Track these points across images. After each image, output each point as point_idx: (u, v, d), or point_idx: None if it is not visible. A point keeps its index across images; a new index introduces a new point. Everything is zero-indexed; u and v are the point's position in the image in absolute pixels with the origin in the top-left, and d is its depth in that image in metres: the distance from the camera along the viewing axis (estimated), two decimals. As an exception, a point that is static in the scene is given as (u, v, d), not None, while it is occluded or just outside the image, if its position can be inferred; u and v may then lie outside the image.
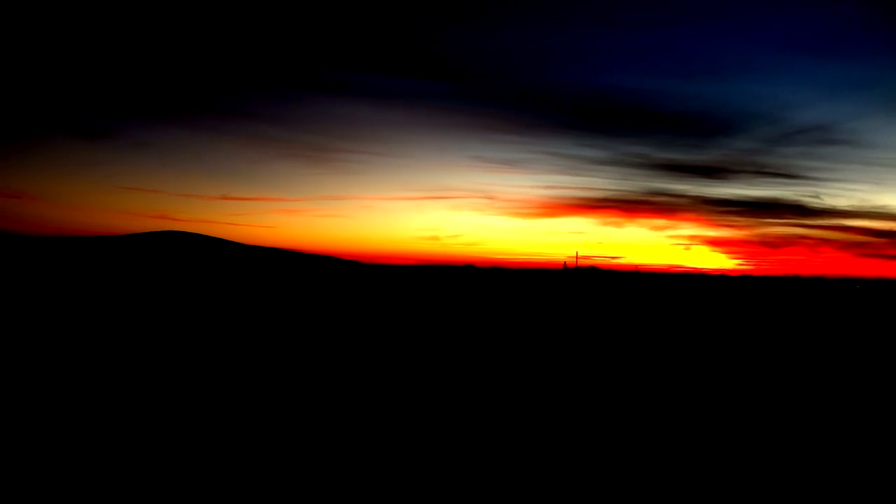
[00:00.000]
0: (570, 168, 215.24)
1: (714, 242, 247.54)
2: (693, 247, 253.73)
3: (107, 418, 7.61)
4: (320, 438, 7.08)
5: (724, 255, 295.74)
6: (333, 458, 6.46)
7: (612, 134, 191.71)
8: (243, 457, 6.40)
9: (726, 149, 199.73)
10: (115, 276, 56.04)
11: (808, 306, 40.15)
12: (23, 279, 42.33)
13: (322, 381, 10.23)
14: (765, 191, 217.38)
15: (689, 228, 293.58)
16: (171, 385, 9.58)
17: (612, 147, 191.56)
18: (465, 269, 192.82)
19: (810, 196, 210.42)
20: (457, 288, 55.23)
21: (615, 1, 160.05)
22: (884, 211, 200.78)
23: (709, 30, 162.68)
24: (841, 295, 68.32)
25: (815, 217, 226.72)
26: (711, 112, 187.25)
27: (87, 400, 8.48)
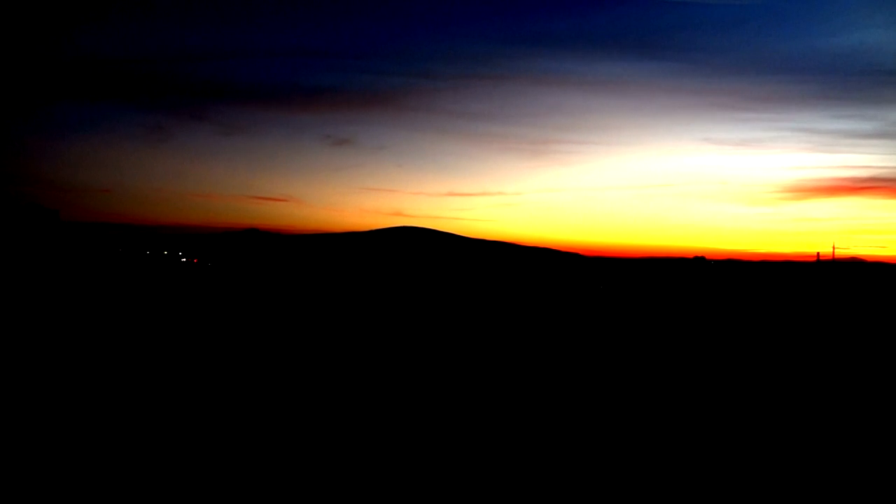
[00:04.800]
0: (822, 144, 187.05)
1: None
2: None
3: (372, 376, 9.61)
4: (571, 422, 8.13)
5: None
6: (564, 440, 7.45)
7: (877, 101, 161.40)
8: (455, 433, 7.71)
9: None
10: (368, 269, 63.99)
11: None
12: (299, 273, 50.80)
13: (553, 367, 11.30)
14: None
15: None
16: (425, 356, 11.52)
17: (878, 116, 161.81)
18: (694, 261, 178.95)
19: None
20: (686, 282, 52.32)
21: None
22: None
23: None
24: None
25: None
26: None
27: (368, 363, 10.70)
